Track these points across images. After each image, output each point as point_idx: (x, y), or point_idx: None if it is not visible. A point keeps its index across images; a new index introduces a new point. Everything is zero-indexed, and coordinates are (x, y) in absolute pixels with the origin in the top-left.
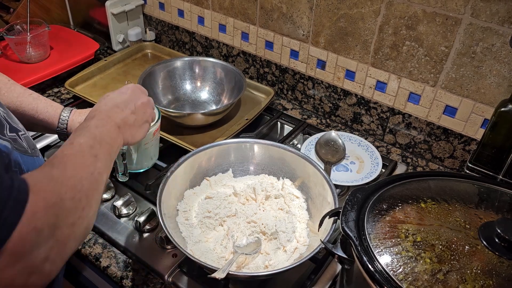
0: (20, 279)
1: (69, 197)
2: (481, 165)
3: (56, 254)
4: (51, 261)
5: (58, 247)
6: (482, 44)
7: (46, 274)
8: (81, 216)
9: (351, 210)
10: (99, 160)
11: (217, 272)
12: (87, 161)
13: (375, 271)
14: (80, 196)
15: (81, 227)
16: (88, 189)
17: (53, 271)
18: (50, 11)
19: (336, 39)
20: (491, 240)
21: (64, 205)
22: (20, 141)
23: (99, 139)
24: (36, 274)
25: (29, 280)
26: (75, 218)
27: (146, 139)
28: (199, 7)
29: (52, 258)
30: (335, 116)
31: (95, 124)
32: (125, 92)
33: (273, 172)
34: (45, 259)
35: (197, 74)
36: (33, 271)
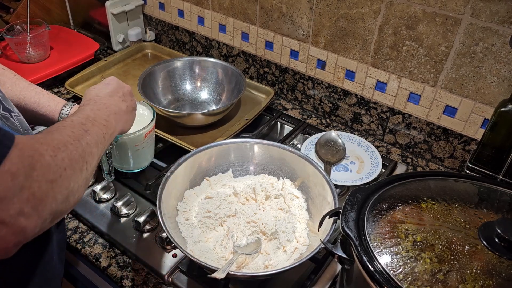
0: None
1: (49, 154)
2: (481, 165)
3: (31, 209)
4: (26, 215)
5: (34, 201)
6: (482, 44)
7: (20, 229)
8: (62, 175)
9: (351, 210)
10: (89, 134)
11: (217, 272)
12: (76, 131)
13: (375, 271)
14: (63, 156)
15: (62, 187)
16: (72, 153)
17: (28, 227)
18: (50, 11)
19: (336, 39)
20: (491, 240)
21: (43, 159)
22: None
23: (92, 119)
24: (9, 227)
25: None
26: (56, 175)
27: (142, 139)
28: (199, 7)
29: (27, 211)
30: (335, 116)
31: (91, 108)
32: (109, 83)
33: (273, 172)
34: (20, 212)
35: (197, 74)
36: (5, 221)
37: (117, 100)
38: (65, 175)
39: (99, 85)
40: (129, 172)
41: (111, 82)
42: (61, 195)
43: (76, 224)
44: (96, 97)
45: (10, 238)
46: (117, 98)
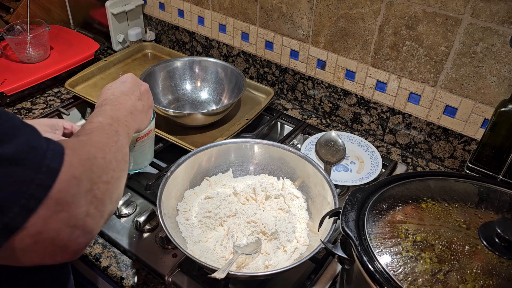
0: (65, 232)
1: (100, 156)
2: (481, 165)
3: (95, 210)
4: (91, 216)
5: (97, 203)
6: (482, 44)
7: (88, 231)
8: (113, 176)
9: (351, 210)
10: (119, 134)
11: (217, 272)
12: (109, 133)
13: (375, 271)
14: (110, 158)
15: (114, 187)
16: (115, 154)
17: (95, 228)
18: (50, 11)
19: (336, 39)
20: (491, 240)
21: (97, 162)
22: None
23: (116, 119)
24: (79, 230)
25: (73, 235)
26: (109, 177)
27: (135, 143)
28: (199, 7)
29: (92, 213)
30: (335, 116)
31: (111, 108)
32: (126, 81)
33: (273, 172)
34: (87, 213)
35: (197, 74)
36: (76, 225)
37: (133, 100)
38: (116, 176)
39: (116, 82)
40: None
41: (127, 80)
42: (114, 195)
43: None
44: (113, 96)
45: (82, 239)
46: (134, 97)
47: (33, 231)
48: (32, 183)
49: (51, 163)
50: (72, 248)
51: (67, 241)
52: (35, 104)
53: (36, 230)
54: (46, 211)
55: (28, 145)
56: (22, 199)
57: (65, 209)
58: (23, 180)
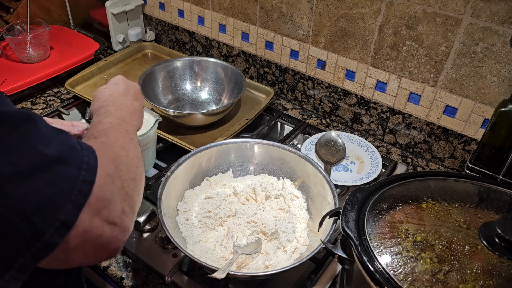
0: (107, 229)
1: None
2: (481, 165)
3: (128, 208)
4: (126, 214)
5: (129, 200)
6: (482, 44)
7: (125, 227)
8: (137, 172)
9: (351, 210)
10: (131, 133)
11: (217, 272)
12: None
13: (375, 271)
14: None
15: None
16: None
17: (130, 225)
18: (50, 11)
19: (336, 39)
20: (491, 240)
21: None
22: None
23: (122, 120)
24: (118, 227)
25: (114, 232)
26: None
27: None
28: (199, 7)
29: (126, 210)
30: (335, 116)
31: (115, 109)
32: (118, 82)
33: (273, 172)
34: (122, 211)
35: (197, 74)
36: (115, 222)
37: (131, 100)
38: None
39: (109, 85)
40: None
41: (119, 81)
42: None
43: None
44: (111, 97)
45: (120, 236)
46: (130, 98)
47: (82, 229)
48: (78, 179)
49: (89, 161)
50: (113, 245)
51: (109, 239)
52: (35, 104)
53: (84, 228)
54: (91, 208)
55: (68, 145)
56: (72, 195)
57: (106, 207)
58: (70, 177)
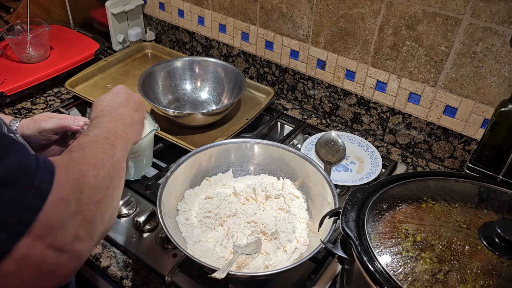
0: (51, 256)
1: (92, 174)
2: (481, 165)
3: (85, 233)
4: (80, 239)
5: (87, 225)
6: (482, 44)
7: (77, 254)
8: (106, 195)
9: (351, 210)
10: (116, 148)
11: (217, 272)
12: (105, 147)
13: (375, 271)
14: (104, 174)
15: (107, 206)
16: (109, 170)
17: (84, 252)
18: (50, 11)
19: (336, 39)
20: (491, 240)
21: (87, 181)
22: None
23: (113, 132)
24: (67, 254)
25: (60, 260)
26: (101, 196)
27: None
28: (199, 7)
29: (81, 236)
30: (335, 116)
31: (108, 120)
32: (119, 92)
33: (273, 172)
34: (75, 237)
35: (197, 74)
36: (63, 249)
37: (130, 111)
38: (108, 194)
39: (109, 94)
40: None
41: (121, 91)
42: (107, 214)
43: None
44: (109, 107)
45: (70, 264)
46: (130, 109)
47: (18, 255)
48: (21, 205)
49: (41, 183)
50: (59, 273)
51: (53, 266)
52: (35, 104)
53: (20, 255)
54: (33, 234)
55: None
56: (10, 224)
57: (52, 233)
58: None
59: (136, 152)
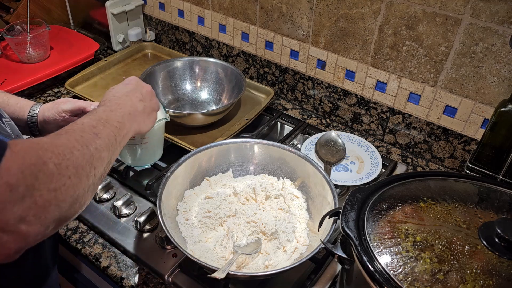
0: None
1: (53, 161)
2: (481, 165)
3: (33, 217)
4: (27, 222)
5: (37, 209)
6: (482, 44)
7: (22, 235)
8: (66, 183)
9: (351, 210)
10: (99, 138)
11: (217, 272)
12: (85, 136)
13: (375, 271)
14: (67, 164)
15: (66, 195)
16: (78, 159)
17: (30, 234)
18: (50, 11)
19: (336, 39)
20: (491, 240)
21: (45, 168)
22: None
23: (103, 121)
24: (10, 234)
25: (1, 239)
26: (59, 184)
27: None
28: (199, 7)
29: (29, 219)
30: (335, 116)
31: (103, 109)
32: (128, 83)
33: (273, 172)
34: (21, 219)
35: (197, 74)
36: (6, 229)
37: (133, 100)
38: (70, 183)
39: (119, 85)
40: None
41: (130, 82)
42: (65, 202)
43: (76, 224)
44: (113, 97)
45: (11, 244)
46: (134, 98)
47: None
48: None
49: None
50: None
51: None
52: None
53: None
54: None
55: None
56: None
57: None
58: None
59: (143, 139)
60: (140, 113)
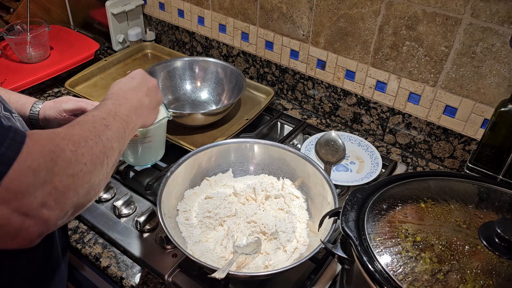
0: (16, 219)
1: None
2: (481, 165)
3: (54, 202)
4: (48, 207)
5: (57, 195)
6: (482, 44)
7: (43, 220)
8: (83, 170)
9: (351, 210)
10: (110, 129)
11: (217, 272)
12: (97, 127)
13: (375, 271)
14: (83, 151)
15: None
16: (92, 148)
17: (51, 219)
18: (50, 11)
19: (336, 39)
20: (491, 240)
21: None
22: (14, 120)
23: (113, 114)
24: (32, 219)
25: (25, 223)
26: (76, 170)
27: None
28: (199, 7)
29: (50, 204)
30: (335, 116)
31: (112, 103)
32: (135, 76)
33: (273, 172)
34: (42, 204)
35: (197, 74)
36: (29, 213)
37: (140, 95)
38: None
39: (125, 78)
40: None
41: (136, 75)
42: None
43: (76, 224)
44: (120, 91)
45: (33, 229)
46: (141, 93)
47: None
48: None
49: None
50: (23, 236)
51: (17, 229)
52: None
53: None
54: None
55: None
56: None
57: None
58: None
59: (146, 138)
60: (146, 108)
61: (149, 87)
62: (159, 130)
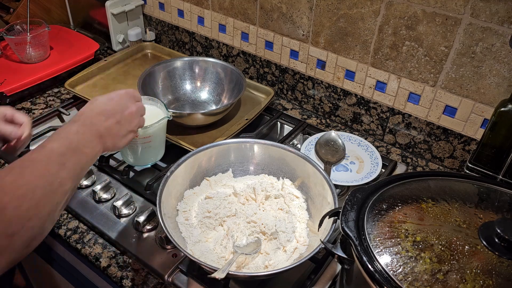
0: None
1: (13, 205)
2: (481, 165)
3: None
4: None
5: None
6: (482, 44)
7: None
8: (25, 226)
9: (351, 210)
10: (65, 168)
11: (217, 272)
12: (51, 169)
13: (375, 271)
14: (29, 205)
15: (24, 238)
16: (40, 199)
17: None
18: (50, 11)
19: (336, 39)
20: (491, 240)
21: (3, 215)
22: None
23: (74, 147)
24: None
25: None
26: (17, 228)
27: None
28: (199, 7)
29: None
30: (335, 116)
31: (76, 130)
32: (113, 98)
33: (273, 172)
34: None
35: (197, 74)
36: None
37: (109, 123)
38: (28, 225)
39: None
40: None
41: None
42: (22, 243)
43: (76, 224)
44: (90, 113)
45: None
46: (111, 120)
47: None
48: None
49: None
50: None
51: None
52: (35, 104)
53: None
54: None
55: None
56: None
57: None
58: None
59: (146, 138)
60: (113, 136)
61: (123, 115)
62: (159, 130)
